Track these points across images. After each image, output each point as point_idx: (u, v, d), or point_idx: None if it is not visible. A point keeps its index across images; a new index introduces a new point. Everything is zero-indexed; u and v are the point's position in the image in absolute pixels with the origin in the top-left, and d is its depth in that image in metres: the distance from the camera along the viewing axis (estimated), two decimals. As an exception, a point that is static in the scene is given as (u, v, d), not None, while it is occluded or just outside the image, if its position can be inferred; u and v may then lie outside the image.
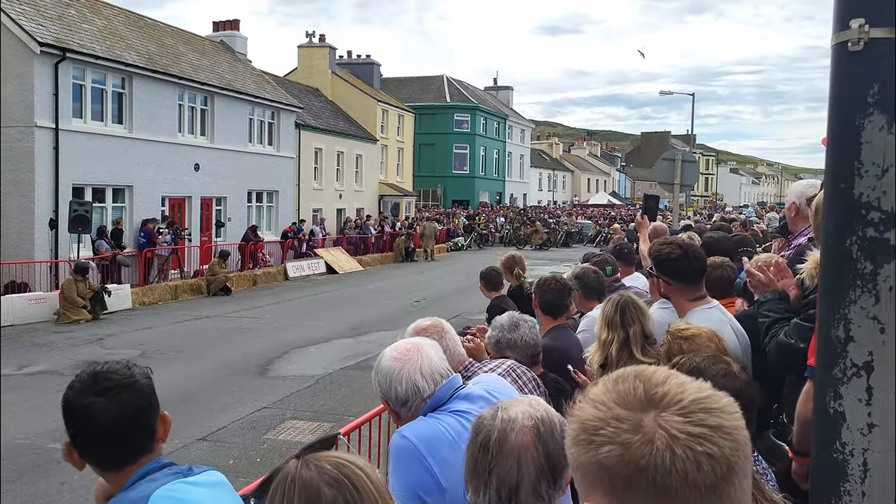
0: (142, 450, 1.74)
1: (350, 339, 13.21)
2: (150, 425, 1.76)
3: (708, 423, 0.85)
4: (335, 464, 1.31)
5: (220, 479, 1.84)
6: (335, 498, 1.26)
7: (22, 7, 17.63)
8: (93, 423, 1.68)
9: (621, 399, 0.89)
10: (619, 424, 0.86)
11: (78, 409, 1.70)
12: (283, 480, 1.30)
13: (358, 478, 1.30)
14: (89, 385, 1.72)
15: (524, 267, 6.31)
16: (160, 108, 20.72)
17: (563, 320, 4.15)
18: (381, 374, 2.23)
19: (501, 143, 55.09)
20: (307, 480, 1.28)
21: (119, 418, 1.69)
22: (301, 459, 1.33)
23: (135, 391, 1.73)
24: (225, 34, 28.48)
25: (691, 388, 0.89)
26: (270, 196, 26.90)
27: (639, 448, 0.84)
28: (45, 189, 17.08)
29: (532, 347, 3.31)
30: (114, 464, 1.73)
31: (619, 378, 0.93)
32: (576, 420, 0.92)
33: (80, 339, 13.03)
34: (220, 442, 7.57)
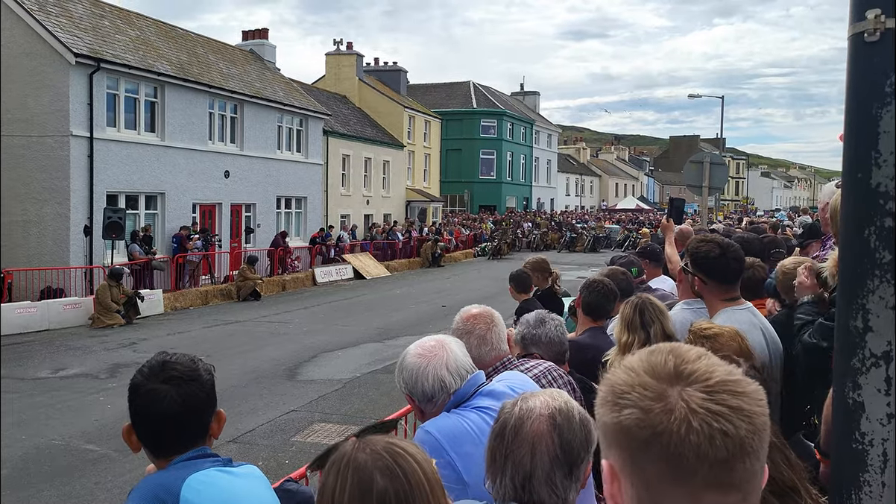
0: (195, 440, 1.82)
1: (378, 343, 13.29)
2: (206, 418, 1.85)
3: (729, 404, 0.88)
4: (392, 452, 1.31)
5: (257, 473, 1.90)
6: (386, 488, 1.27)
7: (58, 19, 18.07)
8: (155, 408, 1.77)
9: (651, 369, 0.94)
10: (643, 391, 0.91)
11: (143, 392, 1.79)
12: (339, 459, 1.31)
13: (412, 470, 1.30)
14: (157, 372, 1.80)
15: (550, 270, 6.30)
16: (191, 116, 21.08)
17: (601, 323, 4.14)
18: (407, 370, 2.25)
19: (528, 149, 54.97)
20: (361, 464, 1.28)
21: (180, 406, 1.77)
22: (359, 440, 1.34)
23: (198, 384, 1.82)
24: (254, 43, 28.90)
25: (721, 370, 0.93)
26: (299, 202, 27.17)
27: (658, 415, 0.89)
28: (80, 196, 17.45)
29: (558, 345, 3.29)
30: (166, 450, 1.81)
31: (654, 350, 0.97)
32: (606, 383, 0.97)
33: (113, 344, 13.27)
34: (250, 444, 7.66)
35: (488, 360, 2.69)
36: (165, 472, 1.77)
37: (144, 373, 1.82)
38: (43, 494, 6.32)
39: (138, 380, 1.82)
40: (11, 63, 17.32)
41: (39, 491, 6.39)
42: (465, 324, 2.73)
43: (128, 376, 1.88)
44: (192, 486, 1.70)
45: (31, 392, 9.80)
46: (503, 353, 2.81)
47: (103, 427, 8.13)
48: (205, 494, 1.70)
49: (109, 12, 21.07)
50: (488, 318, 2.77)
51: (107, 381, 10.38)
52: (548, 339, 3.28)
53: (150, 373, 1.81)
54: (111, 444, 7.52)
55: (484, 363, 2.66)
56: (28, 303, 14.94)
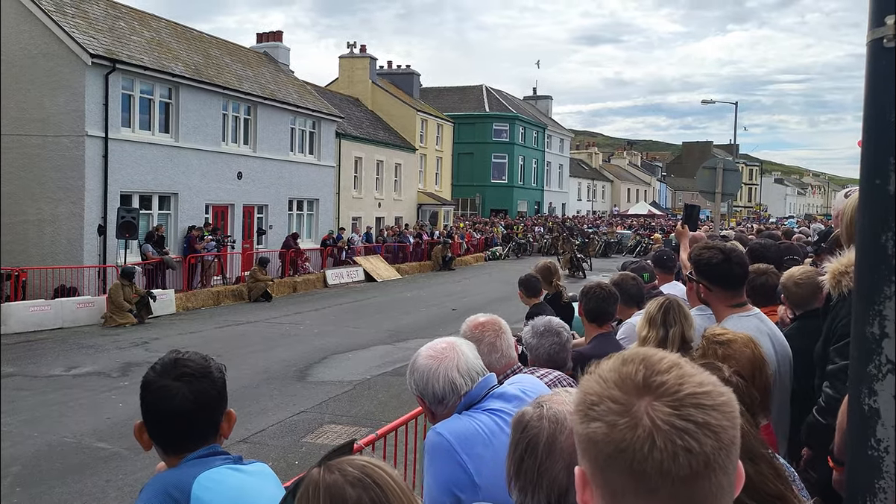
0: (206, 438, 1.83)
1: (388, 345, 13.31)
2: (217, 416, 1.85)
3: (695, 419, 0.87)
4: (357, 465, 1.32)
5: (267, 471, 1.91)
6: (360, 496, 1.27)
7: (75, 20, 18.23)
8: (167, 405, 1.78)
9: (620, 380, 0.92)
10: (611, 404, 0.90)
11: (155, 389, 1.80)
12: (308, 485, 1.31)
13: (381, 476, 1.31)
14: (169, 369, 1.82)
15: (560, 276, 6.31)
16: (205, 117, 21.21)
17: (608, 328, 4.16)
18: (418, 372, 2.25)
19: (540, 153, 54.92)
20: (331, 483, 1.28)
21: (191, 404, 1.78)
22: (323, 466, 1.34)
23: (209, 381, 1.83)
24: (268, 45, 29.05)
25: (692, 381, 0.91)
26: (311, 204, 27.26)
27: (622, 430, 0.88)
28: (94, 196, 17.59)
29: (548, 361, 3.30)
30: (178, 447, 1.82)
31: (626, 359, 0.96)
32: (580, 390, 0.96)
33: (125, 343, 13.36)
34: (260, 444, 7.69)
35: (499, 368, 2.69)
36: (177, 469, 1.78)
37: (157, 370, 1.83)
38: (55, 492, 6.36)
39: (150, 377, 1.83)
40: (28, 63, 17.50)
41: (51, 488, 6.44)
42: (473, 332, 2.73)
43: (140, 375, 1.89)
44: (203, 484, 1.71)
45: (43, 390, 9.88)
46: (513, 360, 2.81)
47: (115, 425, 8.18)
48: (216, 492, 1.71)
49: (126, 13, 21.24)
50: (496, 325, 2.79)
51: (119, 380, 10.44)
52: (541, 352, 3.31)
53: (162, 370, 1.82)
54: (122, 442, 7.56)
55: (495, 370, 2.66)
56: (42, 301, 15.07)
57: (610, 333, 4.16)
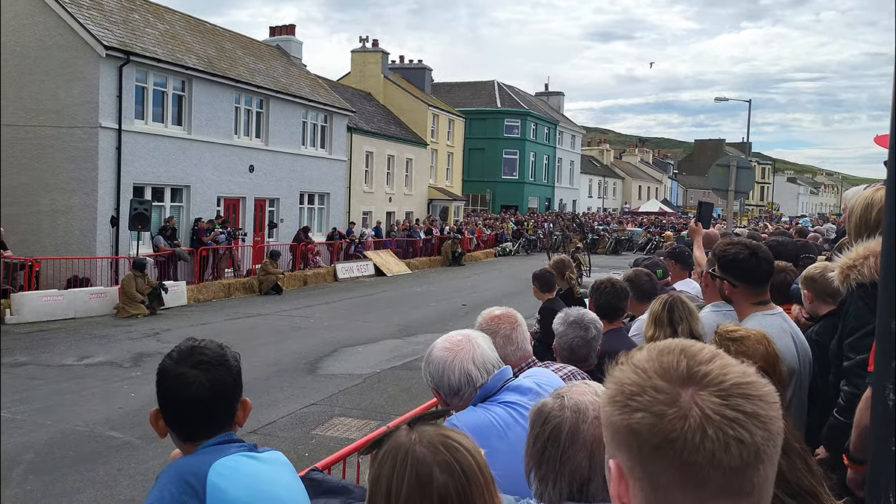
0: (221, 426, 1.83)
1: (398, 339, 13.33)
2: (233, 405, 1.86)
3: (744, 409, 0.86)
4: (448, 446, 1.29)
5: (282, 459, 1.91)
6: (446, 483, 1.25)
7: (89, 12, 18.31)
8: (184, 392, 1.78)
9: (663, 370, 0.91)
10: (655, 395, 0.89)
11: (172, 376, 1.80)
12: (395, 451, 1.28)
13: (469, 464, 1.28)
14: (186, 356, 1.82)
15: (573, 270, 6.30)
16: (218, 110, 21.27)
17: (618, 324, 4.15)
18: (433, 364, 2.25)
19: (551, 149, 54.78)
20: (420, 458, 1.27)
21: (208, 391, 1.78)
22: (415, 431, 1.32)
23: (225, 369, 1.83)
24: (281, 39, 29.08)
25: (735, 371, 0.90)
26: (322, 198, 27.31)
27: (671, 421, 0.86)
28: (107, 187, 17.68)
29: (568, 352, 3.30)
30: (193, 435, 1.82)
31: (664, 349, 0.94)
32: (615, 381, 0.94)
33: (137, 333, 13.44)
34: (270, 436, 7.72)
35: (514, 360, 2.69)
36: (193, 456, 1.79)
37: (173, 357, 1.84)
38: (67, 479, 6.42)
39: (167, 364, 1.83)
40: (43, 55, 17.60)
41: (64, 476, 6.49)
42: (489, 324, 2.73)
43: (152, 365, 1.90)
44: (219, 471, 1.72)
45: (56, 379, 9.96)
46: (528, 353, 2.81)
47: (127, 415, 8.24)
48: (232, 479, 1.72)
49: (140, 6, 21.31)
50: (512, 318, 2.78)
51: (131, 370, 10.51)
52: (563, 343, 3.30)
53: (179, 357, 1.83)
54: (134, 431, 7.62)
55: (510, 363, 2.66)
56: (55, 291, 15.17)
57: (621, 329, 4.15)
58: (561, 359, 3.26)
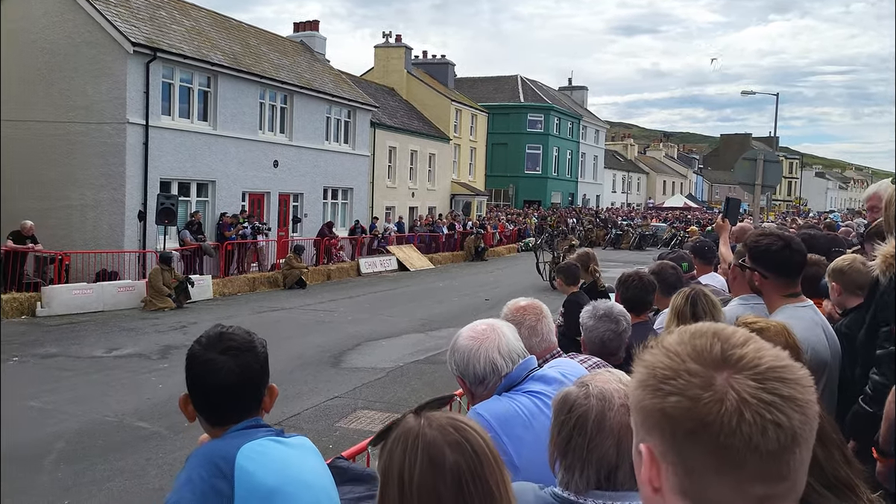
0: (249, 411, 1.86)
1: (421, 333, 13.37)
2: (260, 390, 1.89)
3: (781, 393, 0.86)
4: (457, 427, 1.30)
5: (308, 444, 1.94)
6: (458, 462, 1.26)
7: (117, 9, 18.54)
8: (212, 377, 1.81)
9: (696, 354, 0.90)
10: (690, 378, 0.88)
11: (201, 362, 1.83)
12: (405, 437, 1.30)
13: (479, 444, 1.30)
14: (215, 342, 1.84)
15: (598, 263, 6.28)
16: (243, 106, 21.45)
17: (645, 317, 4.13)
18: (459, 352, 2.26)
19: (575, 144, 54.49)
20: (430, 440, 1.28)
21: (236, 377, 1.81)
22: (422, 416, 1.33)
23: (253, 355, 1.86)
24: (305, 35, 29.23)
25: (769, 354, 0.89)
26: (345, 193, 27.44)
27: (707, 405, 0.85)
28: (135, 183, 17.92)
29: (599, 346, 3.27)
30: (221, 419, 1.85)
31: (696, 333, 0.94)
32: (646, 365, 0.93)
33: (164, 326, 13.62)
34: (295, 428, 7.79)
35: (539, 352, 2.69)
36: (221, 440, 1.81)
37: (202, 343, 1.86)
38: (97, 468, 6.53)
39: (196, 350, 1.85)
40: (72, 51, 17.86)
41: (93, 465, 6.61)
42: (514, 315, 2.73)
43: (179, 358, 1.93)
44: (247, 454, 1.74)
45: (86, 370, 10.14)
46: (553, 344, 2.81)
47: (155, 405, 8.36)
48: (259, 462, 1.75)
49: (166, 3, 21.53)
50: (537, 309, 2.78)
51: (158, 362, 10.66)
52: (594, 335, 3.27)
53: (207, 343, 1.85)
54: (162, 421, 7.74)
55: (535, 354, 2.66)
56: (84, 284, 15.42)
57: (647, 323, 4.13)
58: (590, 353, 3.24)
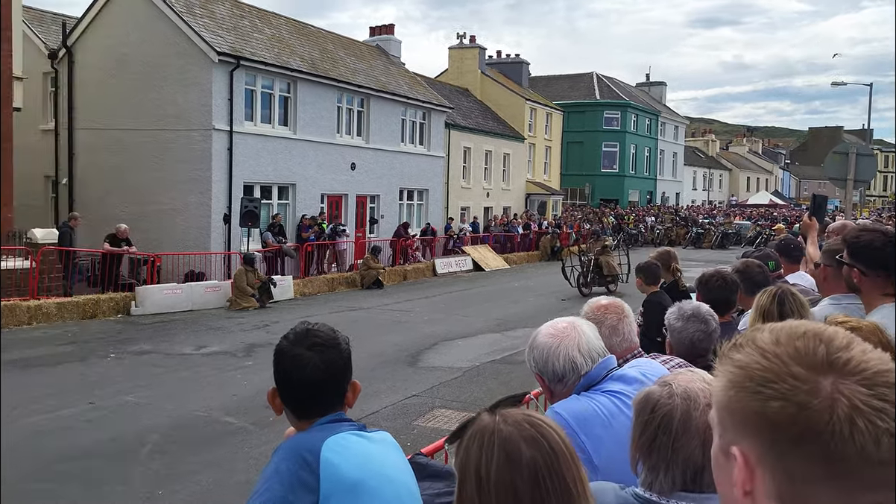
0: (332, 406, 1.92)
1: (497, 333, 13.37)
2: (343, 385, 1.95)
3: (890, 399, 0.82)
4: (531, 422, 1.31)
5: (389, 439, 1.99)
6: (534, 457, 1.26)
7: (203, 20, 19.31)
8: (299, 372, 1.88)
9: (799, 356, 0.86)
10: (795, 383, 0.84)
11: (289, 357, 1.90)
12: (481, 434, 1.30)
13: (554, 439, 1.30)
14: (301, 338, 1.92)
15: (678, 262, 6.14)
16: (321, 110, 21.97)
17: (728, 318, 4.01)
18: (538, 349, 2.26)
19: (653, 141, 53.30)
20: (506, 436, 1.28)
21: (322, 372, 1.88)
22: (497, 413, 1.33)
23: (337, 351, 1.93)
24: (380, 38, 29.68)
25: (874, 357, 0.86)
26: (421, 194, 27.70)
27: (817, 412, 0.82)
28: (220, 187, 18.63)
29: (689, 347, 3.19)
30: (307, 413, 1.92)
31: (795, 333, 0.90)
32: (739, 365, 0.90)
33: (248, 325, 14.10)
34: (373, 425, 7.83)
35: (619, 352, 2.66)
36: (306, 433, 1.88)
37: (290, 339, 1.93)
38: (187, 460, 6.83)
39: (284, 345, 1.92)
40: (163, 63, 18.72)
41: (184, 457, 6.91)
42: (595, 314, 2.71)
43: (262, 356, 2.01)
44: (332, 447, 1.80)
45: (176, 367, 10.60)
46: (634, 344, 2.77)
47: (241, 401, 8.67)
48: (343, 455, 1.80)
49: (249, 12, 22.29)
50: (619, 308, 2.75)
51: (243, 360, 11.04)
52: (684, 337, 3.18)
53: (295, 339, 1.92)
54: (248, 417, 8.01)
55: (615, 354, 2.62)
56: (174, 284, 16.14)
57: (731, 323, 4.01)
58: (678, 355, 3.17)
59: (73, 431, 7.54)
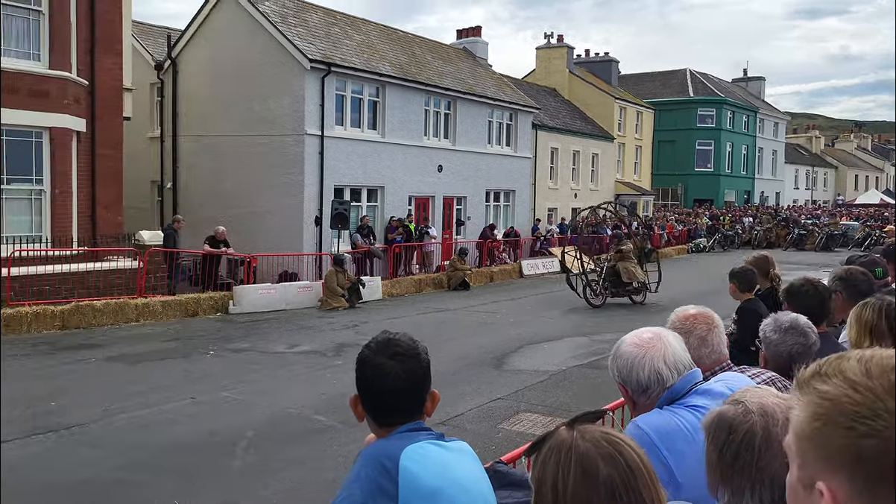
0: (412, 415, 1.96)
1: (583, 337, 13.19)
2: (423, 395, 1.98)
3: None
4: (610, 440, 1.30)
5: (466, 448, 2.00)
6: (611, 475, 1.26)
7: (297, 29, 19.96)
8: (381, 381, 1.92)
9: (894, 390, 0.82)
10: (893, 420, 0.81)
11: (371, 366, 1.94)
12: (559, 448, 1.30)
13: (632, 458, 1.29)
14: (383, 348, 1.96)
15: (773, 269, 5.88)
16: (409, 113, 22.28)
17: (823, 328, 3.82)
18: (622, 359, 2.22)
19: (751, 138, 51.21)
20: (584, 452, 1.28)
21: (402, 381, 1.91)
22: (575, 429, 1.33)
23: (417, 361, 1.96)
24: (467, 41, 29.81)
25: None
26: (507, 195, 27.64)
27: None
28: (312, 190, 19.20)
29: (788, 361, 3.04)
30: (387, 421, 1.96)
31: (887, 365, 0.86)
32: (826, 396, 0.87)
33: (338, 325, 14.46)
34: (458, 428, 7.98)
35: (707, 364, 2.58)
36: (386, 440, 1.92)
37: (372, 348, 1.97)
38: (280, 455, 7.07)
39: (366, 354, 1.97)
40: (258, 71, 19.49)
41: (277, 453, 7.16)
42: (683, 323, 2.62)
43: (351, 355, 2.04)
44: (410, 456, 1.83)
45: (270, 364, 11.00)
46: (723, 356, 2.67)
47: (330, 400, 8.90)
48: (421, 464, 1.83)
49: (340, 19, 22.87)
50: (708, 318, 2.65)
51: (333, 359, 11.34)
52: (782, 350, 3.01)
53: (377, 348, 1.96)
54: (337, 416, 8.22)
55: (702, 366, 2.54)
56: (268, 284, 16.74)
57: (828, 334, 3.81)
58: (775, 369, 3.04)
59: (175, 425, 7.95)
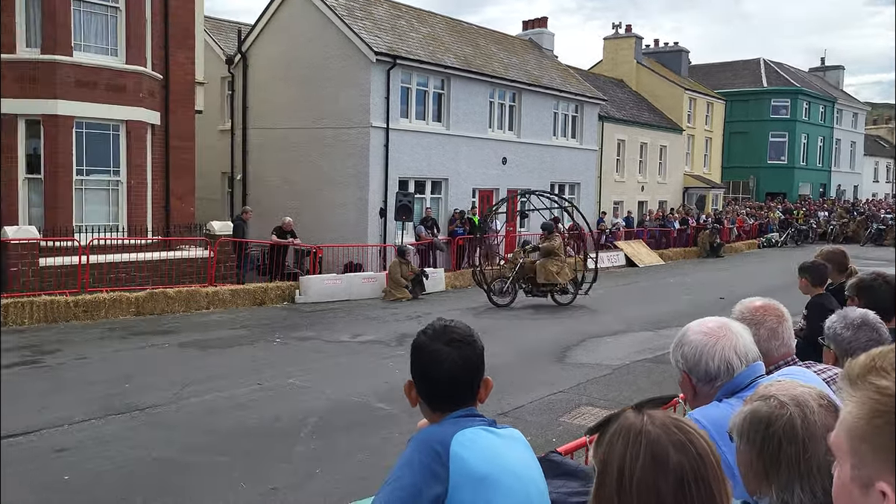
0: (465, 400, 1.99)
1: (648, 332, 12.99)
2: (477, 381, 2.01)
3: None
4: (681, 428, 1.27)
5: (517, 435, 2.03)
6: (681, 462, 1.23)
7: (363, 22, 20.20)
8: (436, 366, 1.96)
9: None
10: None
11: (427, 352, 1.99)
12: (628, 430, 1.28)
13: (702, 447, 1.26)
14: (440, 334, 2.00)
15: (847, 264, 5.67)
16: (473, 105, 22.28)
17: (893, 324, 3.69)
18: (689, 346, 2.18)
19: (828, 130, 49.17)
20: (654, 438, 1.26)
21: (458, 368, 1.95)
22: (644, 413, 1.31)
23: (473, 348, 1.99)
24: (533, 32, 29.57)
25: None
26: (572, 188, 27.35)
27: None
28: (377, 182, 19.44)
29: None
30: (440, 406, 2.00)
31: None
32: (887, 393, 0.87)
33: (401, 316, 14.63)
34: (519, 419, 7.99)
35: (776, 357, 2.52)
36: (438, 426, 1.95)
37: (428, 334, 2.00)
38: (342, 442, 7.23)
39: (422, 340, 2.00)
40: (325, 64, 19.82)
41: (340, 439, 7.32)
42: (753, 314, 2.56)
43: (414, 347, 2.07)
44: (461, 441, 1.86)
45: (335, 353, 11.24)
46: (791, 350, 2.60)
47: (392, 389, 9.03)
48: (472, 449, 1.86)
49: (406, 12, 23.03)
50: (777, 310, 2.59)
51: (395, 349, 11.49)
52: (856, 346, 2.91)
53: (433, 335, 1.99)
54: (398, 404, 8.34)
55: (771, 359, 2.49)
56: (334, 275, 17.07)
57: None
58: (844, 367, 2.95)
59: (242, 410, 8.22)
